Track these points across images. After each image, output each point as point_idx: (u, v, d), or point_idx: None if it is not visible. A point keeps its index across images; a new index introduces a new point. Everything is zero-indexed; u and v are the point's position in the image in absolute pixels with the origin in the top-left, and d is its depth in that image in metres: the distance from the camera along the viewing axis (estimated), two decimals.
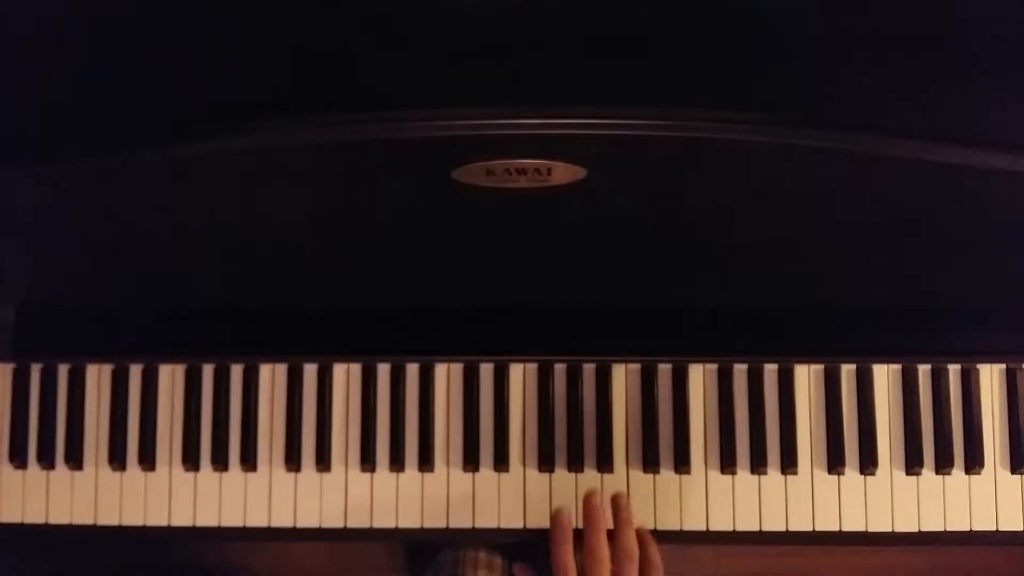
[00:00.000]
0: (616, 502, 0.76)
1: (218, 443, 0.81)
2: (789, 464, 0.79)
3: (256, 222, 0.70)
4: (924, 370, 0.80)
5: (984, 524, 0.78)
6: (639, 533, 0.75)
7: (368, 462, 0.80)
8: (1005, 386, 0.80)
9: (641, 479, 0.79)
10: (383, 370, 0.82)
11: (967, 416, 0.79)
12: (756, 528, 0.79)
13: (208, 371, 0.82)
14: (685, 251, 0.73)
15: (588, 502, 0.76)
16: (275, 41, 0.64)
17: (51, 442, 0.82)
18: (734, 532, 0.79)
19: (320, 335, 0.81)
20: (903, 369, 0.80)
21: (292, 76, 0.63)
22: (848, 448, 0.79)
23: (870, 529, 0.79)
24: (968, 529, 0.78)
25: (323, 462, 0.80)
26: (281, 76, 0.63)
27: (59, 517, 0.82)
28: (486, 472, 0.80)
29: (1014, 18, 0.64)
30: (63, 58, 0.66)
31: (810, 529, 0.79)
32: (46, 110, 0.65)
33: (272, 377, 0.82)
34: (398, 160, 0.62)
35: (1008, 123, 0.62)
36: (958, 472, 0.79)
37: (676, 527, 0.79)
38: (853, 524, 0.79)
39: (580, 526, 0.76)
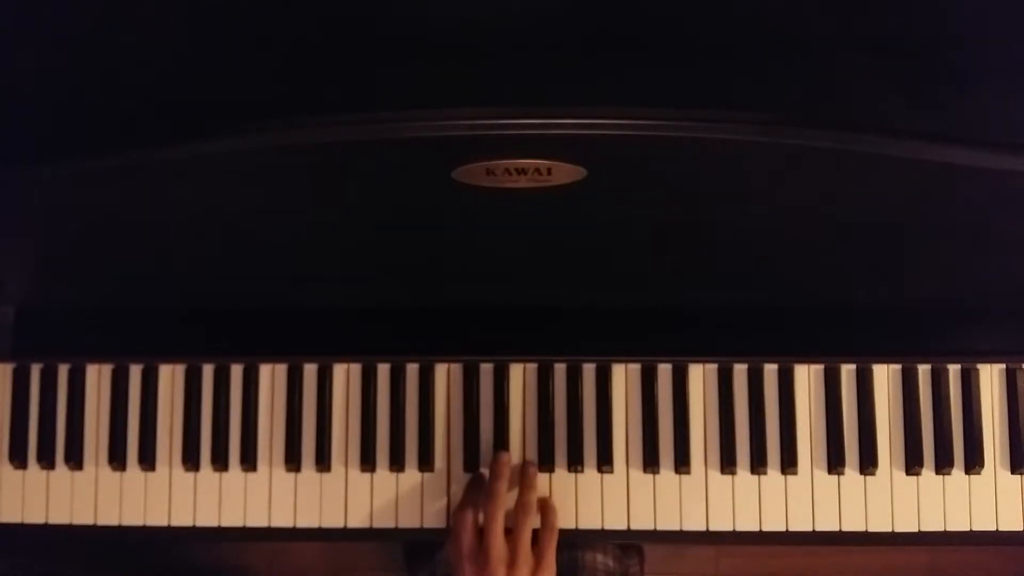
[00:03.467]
0: (525, 468, 0.79)
1: (218, 443, 0.81)
2: (789, 464, 0.79)
3: (255, 222, 0.70)
4: (924, 370, 0.80)
5: (984, 524, 0.78)
6: (542, 500, 0.78)
7: (368, 462, 0.80)
8: (1005, 386, 0.80)
9: (641, 479, 0.79)
10: (383, 370, 0.82)
11: (967, 416, 0.79)
12: (756, 528, 0.79)
13: (208, 371, 0.82)
14: (685, 251, 0.73)
15: (498, 456, 0.78)
16: (274, 41, 0.64)
17: (51, 442, 0.82)
18: (734, 532, 0.79)
19: (320, 335, 0.81)
20: (903, 369, 0.80)
21: (291, 76, 0.62)
22: (848, 448, 0.79)
23: (870, 529, 0.78)
24: (968, 529, 0.78)
25: (323, 462, 0.80)
26: (280, 76, 0.63)
27: (59, 517, 0.82)
28: (486, 472, 0.80)
29: (1014, 18, 0.63)
30: (62, 58, 0.66)
31: (810, 529, 0.79)
32: (45, 110, 0.65)
33: (272, 377, 0.82)
34: (398, 160, 0.62)
35: (1008, 123, 0.62)
36: (958, 472, 0.79)
37: (676, 527, 0.79)
38: (853, 524, 0.79)
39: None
